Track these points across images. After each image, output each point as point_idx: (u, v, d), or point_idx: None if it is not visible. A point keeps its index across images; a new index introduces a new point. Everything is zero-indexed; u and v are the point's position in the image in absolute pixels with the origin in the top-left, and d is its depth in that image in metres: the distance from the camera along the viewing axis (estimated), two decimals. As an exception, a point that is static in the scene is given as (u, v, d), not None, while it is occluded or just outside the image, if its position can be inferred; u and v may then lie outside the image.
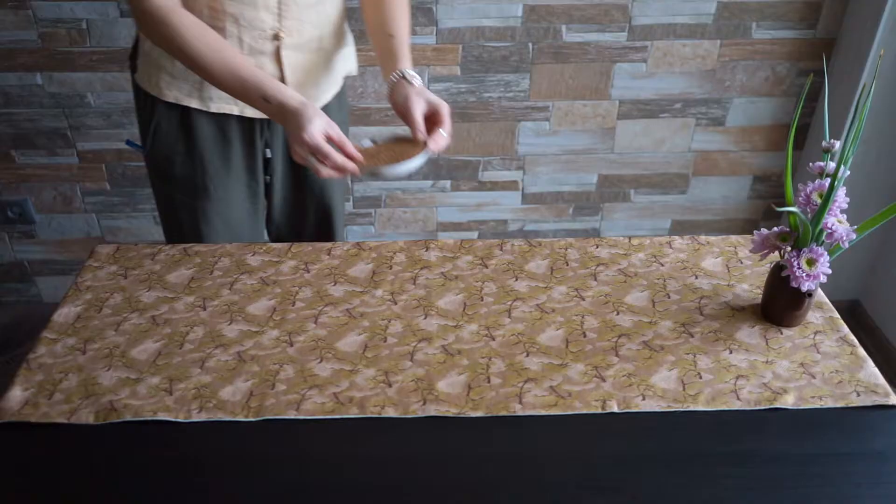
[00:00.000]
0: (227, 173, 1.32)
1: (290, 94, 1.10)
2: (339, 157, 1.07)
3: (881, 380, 0.97)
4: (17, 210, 2.15)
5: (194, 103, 1.24)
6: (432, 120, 1.17)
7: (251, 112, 1.25)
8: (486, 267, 1.16)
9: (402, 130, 1.20)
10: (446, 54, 1.89)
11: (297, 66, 1.24)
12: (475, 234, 2.23)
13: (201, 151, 1.29)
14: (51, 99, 1.96)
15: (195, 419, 0.90)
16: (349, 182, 2.10)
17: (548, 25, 1.87)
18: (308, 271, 1.15)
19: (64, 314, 1.06)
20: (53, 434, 0.89)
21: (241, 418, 0.90)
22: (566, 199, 2.21)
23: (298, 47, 1.23)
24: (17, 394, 0.93)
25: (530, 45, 1.89)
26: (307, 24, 1.22)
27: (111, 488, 0.83)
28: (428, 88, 1.31)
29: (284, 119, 1.10)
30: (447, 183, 2.11)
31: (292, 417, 0.90)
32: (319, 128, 1.07)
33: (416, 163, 1.11)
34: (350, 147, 1.10)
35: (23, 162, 2.07)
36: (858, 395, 0.94)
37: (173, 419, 0.90)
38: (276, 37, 1.20)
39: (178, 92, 1.23)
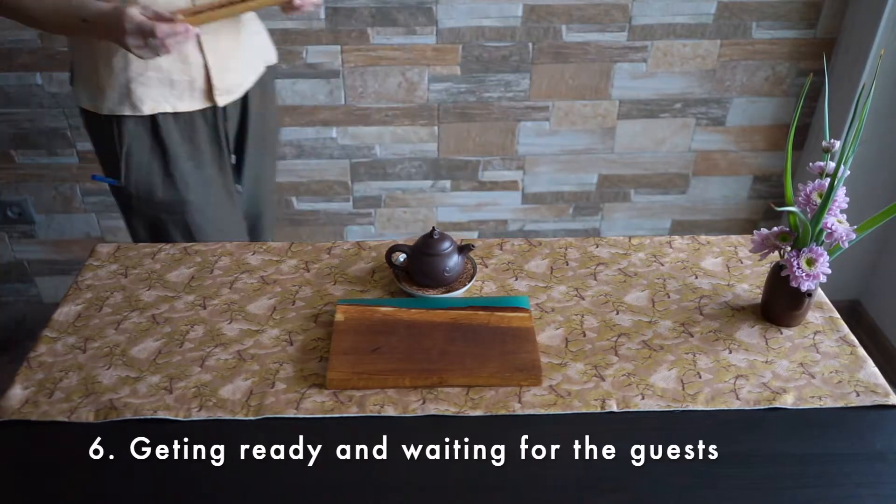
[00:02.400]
0: (203, 177, 1.33)
1: (104, 4, 1.08)
2: (164, 26, 1.05)
3: (881, 380, 0.97)
4: (16, 210, 2.15)
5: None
6: None
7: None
8: (486, 266, 1.16)
9: None
10: (446, 54, 1.89)
11: (218, 51, 1.26)
12: (475, 234, 2.23)
13: (176, 163, 1.29)
14: (51, 99, 1.96)
15: (195, 418, 0.90)
16: (349, 183, 2.10)
17: (548, 25, 1.87)
18: (308, 270, 1.15)
19: (64, 313, 1.06)
20: (54, 432, 0.89)
21: (240, 417, 0.90)
22: (566, 199, 2.21)
23: (217, 31, 1.24)
24: (17, 392, 0.93)
25: (530, 45, 1.89)
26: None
27: (111, 487, 0.83)
28: (428, 90, 1.28)
29: (106, 26, 1.07)
30: (447, 183, 2.11)
31: (292, 416, 0.90)
32: (135, 11, 1.05)
33: None
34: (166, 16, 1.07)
35: (23, 162, 2.07)
36: (858, 395, 0.94)
37: (173, 418, 0.90)
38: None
39: (151, 101, 1.23)
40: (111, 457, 0.86)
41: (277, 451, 0.86)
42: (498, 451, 0.86)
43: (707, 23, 1.91)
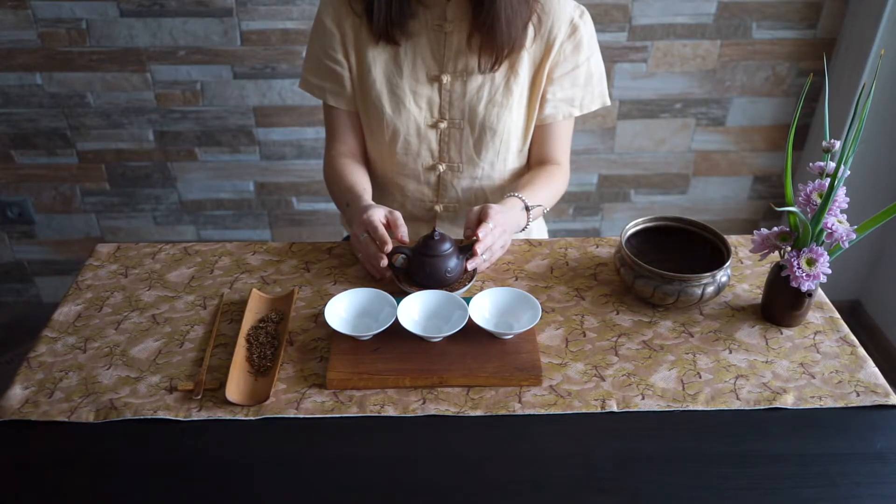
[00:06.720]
0: None
1: (365, 200, 1.18)
2: (373, 248, 1.07)
3: (881, 380, 0.97)
4: (16, 210, 2.15)
5: None
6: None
7: None
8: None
9: None
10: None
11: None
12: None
13: None
14: (51, 99, 1.96)
15: (195, 418, 0.90)
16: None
17: (548, 25, 1.87)
18: (308, 270, 1.15)
19: (64, 313, 1.06)
20: (54, 432, 0.89)
21: (241, 417, 0.90)
22: (566, 199, 2.21)
23: (454, 221, 1.38)
24: (17, 392, 0.93)
25: (530, 45, 1.89)
26: (464, 203, 1.35)
27: (111, 487, 0.83)
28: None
29: (352, 217, 1.17)
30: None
31: (292, 416, 0.90)
32: (379, 213, 1.10)
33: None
34: (402, 231, 1.10)
35: (22, 162, 2.07)
36: (858, 395, 0.94)
37: (173, 418, 0.90)
38: (433, 210, 1.36)
39: None
40: (111, 457, 0.86)
41: (277, 452, 0.86)
42: (498, 451, 0.86)
43: (707, 23, 1.91)
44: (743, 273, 1.15)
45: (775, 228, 1.01)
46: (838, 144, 0.96)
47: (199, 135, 2.04)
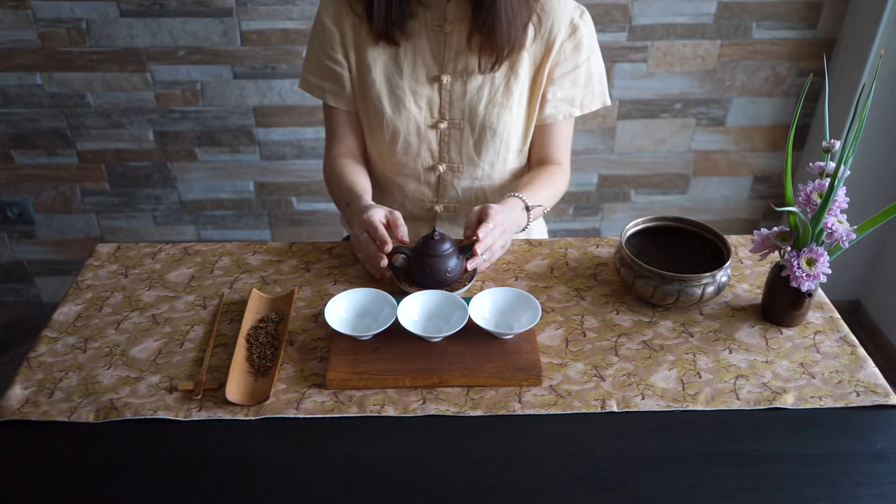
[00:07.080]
0: None
1: (366, 201, 1.18)
2: (373, 248, 1.07)
3: (881, 380, 0.97)
4: (16, 210, 2.15)
5: None
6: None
7: None
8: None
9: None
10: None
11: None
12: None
13: None
14: (50, 99, 1.96)
15: (195, 418, 0.90)
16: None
17: (548, 25, 1.87)
18: (308, 270, 1.15)
19: (64, 313, 1.06)
20: (54, 432, 0.89)
21: (241, 417, 0.90)
22: (566, 199, 2.21)
23: (453, 221, 1.38)
24: (17, 392, 0.93)
25: (530, 45, 1.89)
26: (464, 203, 1.35)
27: (111, 487, 0.83)
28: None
29: (352, 218, 1.17)
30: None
31: (292, 416, 0.90)
32: (379, 213, 1.10)
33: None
34: (402, 231, 1.10)
35: (22, 162, 2.07)
36: (858, 395, 0.94)
37: (173, 418, 0.90)
38: (433, 210, 1.36)
39: None
40: (111, 457, 0.86)
41: (277, 452, 0.86)
42: (498, 451, 0.86)
43: (707, 23, 1.91)
44: (743, 273, 1.15)
45: (775, 228, 1.01)
46: (838, 144, 0.96)
47: (199, 135, 2.04)
